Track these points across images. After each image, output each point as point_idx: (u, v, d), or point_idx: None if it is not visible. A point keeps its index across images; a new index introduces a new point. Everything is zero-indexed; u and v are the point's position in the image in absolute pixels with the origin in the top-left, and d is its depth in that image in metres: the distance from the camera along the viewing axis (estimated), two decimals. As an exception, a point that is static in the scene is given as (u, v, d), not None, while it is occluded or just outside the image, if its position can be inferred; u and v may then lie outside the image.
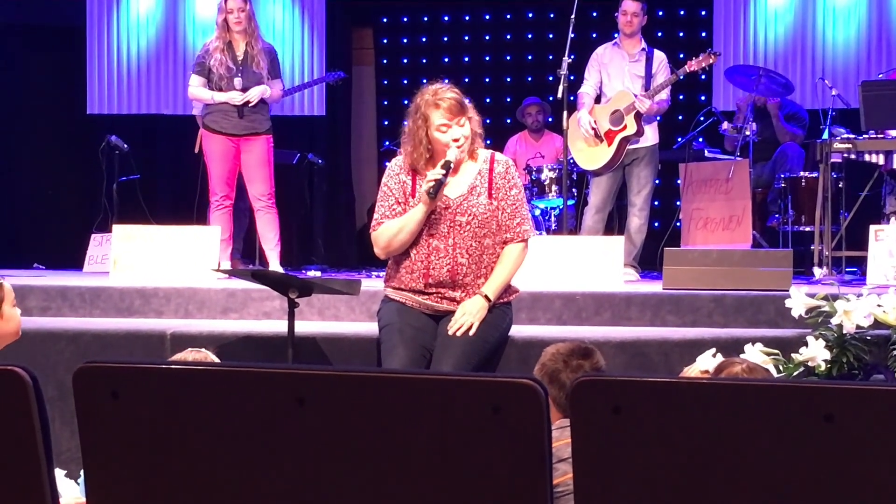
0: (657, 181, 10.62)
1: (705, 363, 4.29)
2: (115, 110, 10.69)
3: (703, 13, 10.64)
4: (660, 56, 8.02)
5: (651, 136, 7.92)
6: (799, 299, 5.29)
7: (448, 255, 4.94)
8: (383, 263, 5.31)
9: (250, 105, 7.58)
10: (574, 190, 8.37)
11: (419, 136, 4.95)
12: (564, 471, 3.36)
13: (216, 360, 4.02)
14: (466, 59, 11.43)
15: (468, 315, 4.90)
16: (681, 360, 5.22)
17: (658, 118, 8.11)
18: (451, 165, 4.89)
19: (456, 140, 4.91)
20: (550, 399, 4.18)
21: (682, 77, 7.91)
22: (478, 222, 4.96)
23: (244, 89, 7.58)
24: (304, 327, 5.64)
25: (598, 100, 8.04)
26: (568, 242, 7.11)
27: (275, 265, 7.57)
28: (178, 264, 7.01)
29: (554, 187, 8.65)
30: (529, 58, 11.26)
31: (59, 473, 3.70)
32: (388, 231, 4.99)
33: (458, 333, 4.88)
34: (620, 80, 7.93)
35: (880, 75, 8.77)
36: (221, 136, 7.62)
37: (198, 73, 7.71)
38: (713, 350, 4.40)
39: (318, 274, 8.17)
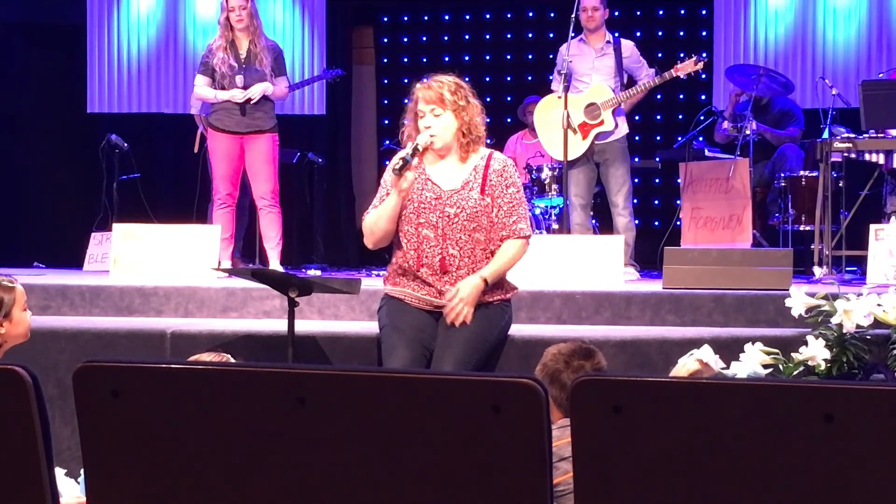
0: (656, 180, 10.69)
1: (706, 355, 4.30)
2: (115, 109, 10.69)
3: (704, 12, 10.64)
4: (627, 44, 8.01)
5: (622, 126, 7.92)
6: (799, 298, 5.29)
7: (438, 244, 4.99)
8: (384, 262, 5.33)
9: (252, 102, 7.58)
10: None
11: (411, 114, 5.11)
12: (566, 469, 3.36)
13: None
14: (467, 57, 11.42)
15: (462, 301, 4.90)
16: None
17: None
18: (419, 149, 4.97)
19: (427, 127, 4.98)
20: (551, 399, 4.19)
21: (664, 79, 7.88)
22: (466, 215, 5.00)
23: (246, 87, 7.58)
24: (304, 326, 5.64)
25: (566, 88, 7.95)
26: (568, 241, 7.11)
27: (275, 264, 7.57)
28: (179, 263, 7.01)
29: (554, 186, 8.65)
30: (530, 57, 11.25)
31: (60, 472, 3.70)
32: (369, 219, 5.10)
33: (457, 323, 4.89)
34: (589, 74, 7.92)
35: (880, 75, 8.77)
36: (226, 134, 7.63)
37: (202, 73, 7.72)
38: (705, 345, 4.41)
39: (318, 273, 8.17)
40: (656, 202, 10.78)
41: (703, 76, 9.38)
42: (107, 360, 1.76)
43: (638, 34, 10.13)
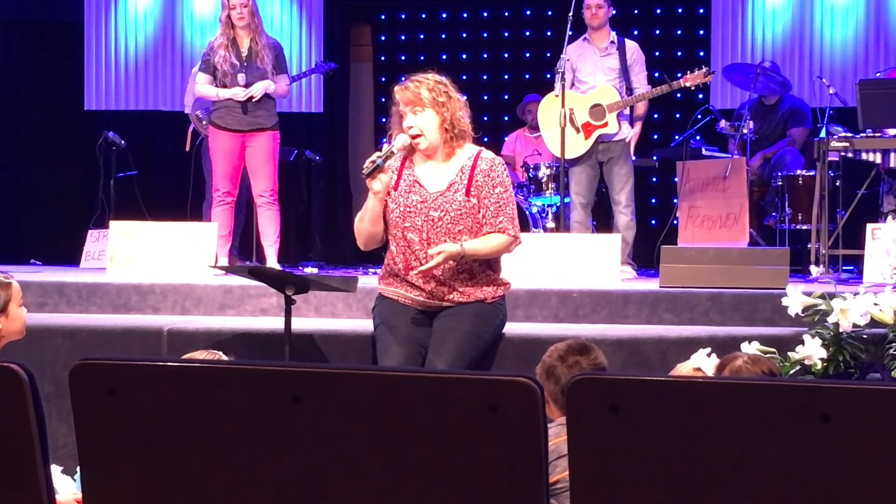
0: (653, 179, 10.68)
1: (699, 361, 4.29)
2: (112, 106, 10.68)
3: (702, 11, 10.64)
4: (632, 46, 8.00)
5: (626, 128, 7.91)
6: (796, 297, 5.30)
7: (423, 248, 4.96)
8: (380, 260, 5.32)
9: (254, 100, 7.59)
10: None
11: (395, 118, 5.08)
12: (565, 467, 3.36)
13: None
14: (464, 56, 11.41)
15: (442, 253, 4.86)
16: (677, 358, 5.22)
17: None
18: (394, 152, 4.95)
19: (410, 128, 4.95)
20: (548, 395, 4.19)
21: (672, 88, 7.88)
22: (450, 218, 4.96)
23: (248, 85, 7.58)
24: (300, 324, 5.64)
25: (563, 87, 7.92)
26: (565, 240, 7.11)
27: (272, 262, 7.57)
28: (175, 261, 7.01)
29: (551, 185, 8.65)
30: (527, 55, 11.25)
31: (56, 469, 3.70)
32: (356, 221, 5.12)
33: (433, 259, 4.85)
34: (593, 74, 7.90)
35: (878, 74, 8.78)
36: (227, 132, 7.62)
37: (204, 71, 7.72)
38: (708, 349, 4.41)
39: (315, 271, 8.16)
40: (653, 201, 10.78)
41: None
42: (103, 358, 1.76)
43: (636, 33, 10.13)
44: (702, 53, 10.37)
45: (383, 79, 11.55)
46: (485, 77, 11.33)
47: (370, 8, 11.66)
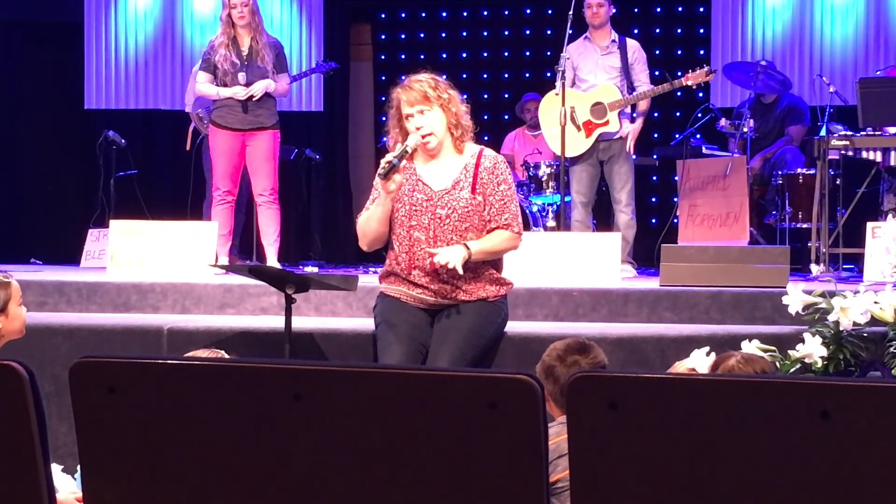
0: (653, 177, 10.68)
1: (697, 361, 4.29)
2: (112, 105, 10.69)
3: (702, 10, 10.64)
4: (633, 45, 7.99)
5: (627, 126, 7.90)
6: (796, 296, 5.30)
7: (429, 246, 4.95)
8: (381, 259, 5.32)
9: (255, 99, 7.59)
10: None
11: (394, 120, 5.05)
12: (566, 467, 3.36)
13: None
14: (464, 55, 11.41)
15: (444, 255, 4.87)
16: (677, 356, 5.22)
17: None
18: (408, 151, 4.91)
19: (419, 128, 4.94)
20: (548, 395, 4.18)
21: (673, 87, 7.87)
22: (458, 216, 4.97)
23: (248, 84, 7.58)
24: (300, 323, 5.64)
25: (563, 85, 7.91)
26: (565, 239, 7.11)
27: (272, 261, 7.57)
28: (176, 260, 7.01)
29: (551, 183, 8.65)
30: (527, 54, 11.25)
31: (56, 468, 3.70)
32: (361, 220, 5.08)
33: (446, 264, 4.85)
34: (594, 73, 7.90)
35: (878, 72, 8.78)
36: (227, 131, 7.62)
37: (204, 70, 7.73)
38: (706, 349, 4.41)
39: (316, 269, 8.16)
40: (654, 200, 10.78)
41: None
42: (103, 357, 1.76)
43: (636, 31, 10.13)
44: (702, 52, 10.37)
45: (383, 78, 11.55)
46: (485, 76, 11.33)
47: (370, 7, 11.65)
